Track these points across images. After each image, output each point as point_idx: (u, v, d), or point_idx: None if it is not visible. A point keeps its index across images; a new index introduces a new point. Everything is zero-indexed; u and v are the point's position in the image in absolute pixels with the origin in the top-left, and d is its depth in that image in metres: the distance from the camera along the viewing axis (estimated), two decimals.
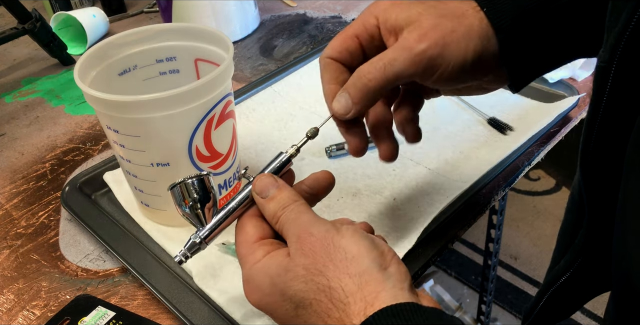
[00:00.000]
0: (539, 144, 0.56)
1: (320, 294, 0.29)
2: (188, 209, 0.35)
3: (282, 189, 0.34)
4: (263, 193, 0.34)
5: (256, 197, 0.34)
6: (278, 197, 0.34)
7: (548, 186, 1.64)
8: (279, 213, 0.33)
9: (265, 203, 0.34)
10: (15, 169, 0.61)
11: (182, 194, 0.35)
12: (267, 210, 0.34)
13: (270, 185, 0.34)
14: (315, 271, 0.29)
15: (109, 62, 0.46)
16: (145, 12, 0.93)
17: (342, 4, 0.89)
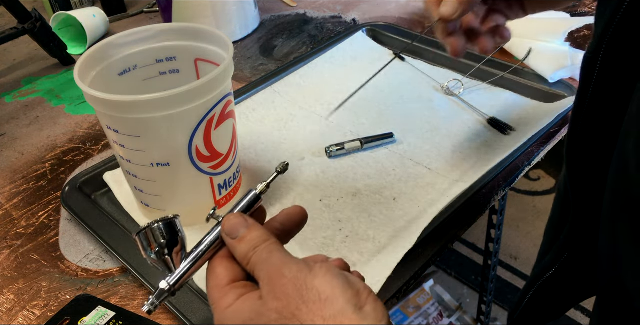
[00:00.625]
0: (539, 144, 0.56)
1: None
2: (154, 255, 0.33)
3: (252, 228, 0.33)
4: (233, 234, 0.33)
5: (226, 238, 0.33)
6: (248, 237, 0.32)
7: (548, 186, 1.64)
8: (249, 254, 0.32)
9: (236, 244, 0.33)
10: (15, 169, 0.61)
11: (148, 239, 0.34)
12: (238, 251, 0.32)
13: (239, 225, 0.33)
14: (288, 315, 0.28)
15: (109, 62, 0.46)
16: (145, 12, 0.93)
17: (342, 4, 0.89)
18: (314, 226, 0.49)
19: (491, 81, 0.65)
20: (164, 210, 0.48)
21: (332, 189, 0.53)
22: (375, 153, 0.57)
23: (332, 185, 0.53)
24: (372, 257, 0.45)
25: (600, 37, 0.32)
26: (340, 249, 0.46)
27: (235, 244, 0.33)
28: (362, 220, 0.49)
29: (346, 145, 0.57)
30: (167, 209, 0.48)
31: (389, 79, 0.67)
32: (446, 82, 0.65)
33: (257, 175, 0.55)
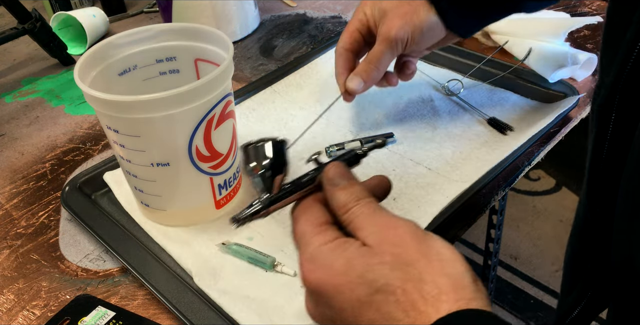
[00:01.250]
0: (539, 144, 0.56)
1: (408, 284, 0.27)
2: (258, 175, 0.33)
3: (354, 181, 0.33)
4: (334, 180, 0.33)
5: (326, 183, 0.33)
6: (351, 188, 0.32)
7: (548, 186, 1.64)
8: (350, 204, 0.31)
9: (337, 191, 0.32)
10: (15, 169, 0.61)
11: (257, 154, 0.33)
12: (337, 198, 0.32)
13: (343, 175, 0.33)
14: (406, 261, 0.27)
15: (109, 62, 0.46)
16: (145, 12, 0.93)
17: (342, 4, 0.89)
18: None
19: (491, 81, 0.65)
20: (164, 210, 0.48)
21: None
22: (375, 153, 0.57)
23: None
24: None
25: (614, 84, 0.33)
26: None
27: (336, 191, 0.32)
28: None
29: (346, 146, 0.57)
30: (167, 209, 0.48)
31: None
32: (446, 82, 0.65)
33: None
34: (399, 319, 0.26)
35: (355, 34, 0.53)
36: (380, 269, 0.27)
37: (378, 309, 0.27)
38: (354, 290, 0.28)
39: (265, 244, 0.47)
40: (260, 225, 0.49)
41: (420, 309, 0.26)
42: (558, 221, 1.52)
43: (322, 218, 0.32)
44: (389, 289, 0.27)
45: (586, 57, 0.64)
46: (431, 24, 0.49)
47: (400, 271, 0.27)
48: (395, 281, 0.27)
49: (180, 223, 0.49)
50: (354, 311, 0.28)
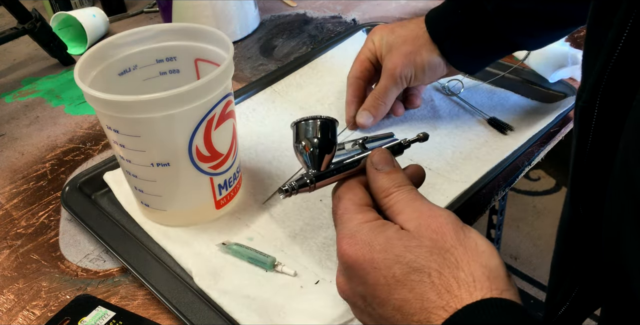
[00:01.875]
0: (539, 144, 0.56)
1: (445, 268, 0.27)
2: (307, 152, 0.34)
3: (398, 169, 0.34)
4: (379, 165, 0.34)
5: (370, 167, 0.34)
6: (394, 175, 0.33)
7: (548, 186, 1.64)
8: (392, 189, 0.32)
9: (380, 175, 0.33)
10: (15, 169, 0.61)
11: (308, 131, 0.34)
12: (380, 182, 0.33)
13: (388, 161, 0.34)
14: (443, 248, 0.28)
15: (109, 62, 0.46)
16: (145, 12, 0.93)
17: (342, 4, 0.89)
18: (314, 226, 0.49)
19: (491, 81, 0.65)
20: (164, 210, 0.48)
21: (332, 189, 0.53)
22: None
23: (332, 185, 0.53)
24: None
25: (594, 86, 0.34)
26: None
27: (379, 175, 0.34)
28: None
29: (346, 146, 0.57)
30: (167, 209, 0.48)
31: None
32: (446, 82, 0.65)
33: (257, 175, 0.55)
34: (431, 300, 0.27)
35: (366, 63, 0.56)
36: (419, 251, 0.28)
37: (412, 289, 0.27)
38: (390, 268, 0.28)
39: (266, 244, 0.47)
40: (261, 226, 0.49)
41: (454, 293, 0.26)
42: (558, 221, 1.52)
43: (365, 199, 0.33)
44: (425, 271, 0.27)
45: None
46: (433, 63, 0.52)
47: (438, 256, 0.28)
48: (432, 264, 0.27)
49: (180, 223, 0.49)
50: (388, 288, 0.28)
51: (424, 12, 0.55)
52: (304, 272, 0.45)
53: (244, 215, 0.51)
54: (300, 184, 0.35)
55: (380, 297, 0.28)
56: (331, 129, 0.35)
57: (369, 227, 0.31)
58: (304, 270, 0.45)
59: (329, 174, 0.35)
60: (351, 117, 0.59)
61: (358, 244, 0.30)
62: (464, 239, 0.29)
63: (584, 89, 0.35)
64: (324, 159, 0.35)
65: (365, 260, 0.29)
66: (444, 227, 0.29)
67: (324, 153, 0.34)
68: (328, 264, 0.45)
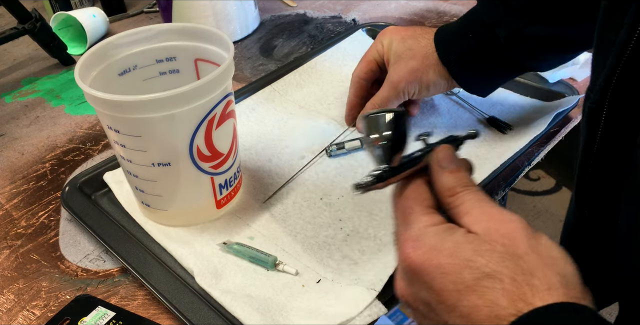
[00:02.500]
0: (539, 144, 0.56)
1: (518, 275, 0.26)
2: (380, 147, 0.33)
3: (463, 167, 0.33)
4: (443, 163, 0.32)
5: (434, 164, 0.33)
6: (459, 173, 0.32)
7: (548, 186, 1.64)
8: (458, 188, 0.31)
9: (445, 174, 0.32)
10: (15, 169, 0.60)
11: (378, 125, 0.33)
12: (445, 181, 0.32)
13: (452, 159, 0.33)
14: (516, 254, 0.27)
15: (109, 62, 0.46)
16: (145, 12, 0.93)
17: (342, 4, 0.89)
18: (315, 224, 0.49)
19: None
20: (165, 210, 0.48)
21: (332, 188, 0.53)
22: None
23: (332, 184, 0.53)
24: (373, 256, 0.45)
25: (603, 88, 0.33)
26: (342, 248, 0.46)
27: (444, 174, 0.32)
28: (363, 219, 0.49)
29: (346, 145, 0.57)
30: (168, 208, 0.48)
31: None
32: None
33: (258, 174, 0.55)
34: (503, 306, 0.25)
35: (372, 64, 0.56)
36: (491, 255, 0.27)
37: (483, 295, 0.26)
38: (460, 273, 0.27)
39: (267, 244, 0.47)
40: (261, 225, 0.49)
41: (528, 300, 0.25)
42: (558, 221, 1.52)
43: (430, 200, 0.32)
44: (497, 276, 0.26)
45: (586, 57, 0.64)
46: (439, 84, 0.53)
47: (511, 262, 0.26)
48: (505, 270, 0.26)
49: (181, 223, 0.49)
50: (457, 294, 0.27)
51: (424, 12, 0.55)
52: (306, 271, 0.45)
53: (245, 215, 0.51)
54: (377, 178, 0.33)
55: (447, 303, 0.27)
56: (404, 122, 0.33)
57: (435, 230, 0.29)
58: (306, 269, 0.45)
59: (401, 169, 0.33)
60: (351, 116, 0.59)
61: (423, 247, 0.29)
62: (537, 245, 0.27)
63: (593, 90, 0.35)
64: (396, 154, 0.33)
65: (431, 265, 0.28)
66: (515, 232, 0.28)
67: (397, 147, 0.33)
68: (329, 262, 0.45)
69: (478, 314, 0.26)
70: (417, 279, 0.29)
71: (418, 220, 0.30)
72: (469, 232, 0.29)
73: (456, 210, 0.31)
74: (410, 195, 0.33)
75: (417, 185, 0.33)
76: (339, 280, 0.44)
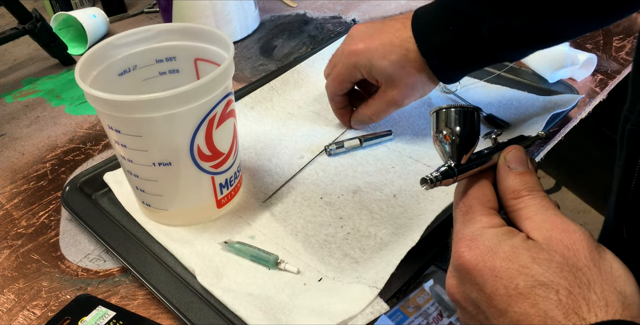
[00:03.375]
0: (538, 144, 0.56)
1: (575, 288, 0.25)
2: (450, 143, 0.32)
3: (532, 171, 0.32)
4: (512, 163, 0.32)
5: (503, 164, 0.32)
6: (527, 176, 0.31)
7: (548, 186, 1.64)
8: (523, 192, 0.30)
9: (512, 175, 0.31)
10: (15, 169, 0.61)
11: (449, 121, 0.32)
12: (511, 182, 0.31)
13: (522, 161, 0.32)
14: (575, 266, 0.26)
15: (109, 62, 0.46)
16: (146, 12, 0.93)
17: (342, 4, 0.89)
18: (315, 223, 0.49)
19: (490, 81, 0.65)
20: (165, 209, 0.48)
21: (332, 187, 0.53)
22: (374, 151, 0.57)
23: (332, 183, 0.53)
24: (374, 254, 0.45)
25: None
26: (342, 246, 0.47)
27: (511, 174, 0.31)
28: (363, 217, 0.49)
29: (345, 144, 0.57)
30: (169, 208, 0.48)
31: None
32: None
33: (258, 174, 0.55)
34: (556, 319, 0.25)
35: (346, 83, 0.56)
36: (548, 264, 0.26)
37: (535, 304, 0.25)
38: (514, 278, 0.26)
39: (268, 242, 0.47)
40: (262, 224, 0.49)
41: (583, 315, 0.24)
42: None
43: (493, 202, 0.31)
44: (552, 287, 0.25)
45: (586, 57, 0.64)
46: (430, 88, 0.53)
47: (569, 273, 0.26)
48: (562, 281, 0.25)
49: (181, 222, 0.49)
50: (508, 299, 0.26)
51: None
52: (307, 269, 0.45)
53: (245, 214, 0.51)
54: (445, 174, 0.32)
55: (498, 307, 0.27)
56: (475, 118, 0.33)
57: (493, 232, 0.29)
58: (307, 267, 0.45)
59: (470, 167, 0.33)
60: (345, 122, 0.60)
61: (479, 248, 0.28)
62: (599, 260, 0.26)
63: (634, 111, 0.34)
64: (468, 151, 0.33)
65: (485, 267, 0.27)
66: (577, 243, 0.27)
67: (467, 144, 0.32)
68: (330, 261, 0.45)
69: (528, 322, 0.25)
70: (469, 280, 0.28)
71: (477, 220, 0.30)
72: (529, 239, 0.28)
73: (518, 214, 0.30)
74: (473, 194, 0.32)
75: (482, 185, 0.32)
76: (340, 278, 0.44)
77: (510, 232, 0.29)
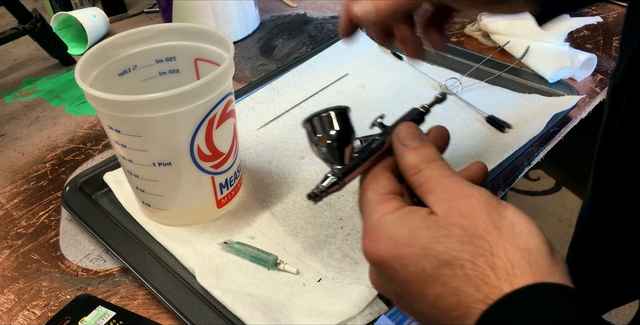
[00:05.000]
0: (538, 144, 0.56)
1: (479, 258, 0.25)
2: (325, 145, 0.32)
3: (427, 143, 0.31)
4: (406, 140, 0.31)
5: (397, 143, 0.31)
6: (422, 150, 0.30)
7: (548, 186, 1.64)
8: (421, 165, 0.29)
9: (408, 151, 0.30)
10: (15, 169, 0.61)
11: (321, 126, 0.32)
12: (408, 159, 0.30)
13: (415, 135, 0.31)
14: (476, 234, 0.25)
15: (109, 62, 0.46)
16: (145, 12, 0.93)
17: (342, 4, 0.89)
18: (315, 224, 0.49)
19: (490, 81, 0.65)
20: (165, 210, 0.48)
21: None
22: None
23: None
24: None
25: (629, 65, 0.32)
26: (342, 247, 0.47)
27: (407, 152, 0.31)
28: None
29: None
30: (169, 208, 0.48)
31: (386, 78, 0.67)
32: (444, 81, 0.65)
33: (258, 174, 0.55)
34: (469, 293, 0.24)
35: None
36: (448, 241, 0.25)
37: (445, 283, 0.25)
38: (419, 263, 0.26)
39: (267, 243, 0.47)
40: (262, 224, 0.49)
41: (493, 283, 0.24)
42: (558, 221, 1.52)
43: (389, 187, 0.30)
44: (457, 263, 0.25)
45: (586, 57, 0.64)
46: None
47: (470, 244, 0.25)
48: (464, 254, 0.25)
49: (181, 223, 0.49)
50: (419, 285, 0.26)
51: None
52: (306, 270, 0.45)
53: (245, 214, 0.51)
54: (329, 184, 0.32)
55: (413, 294, 0.27)
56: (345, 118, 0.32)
57: (391, 219, 0.28)
58: (306, 268, 0.45)
59: (355, 165, 0.32)
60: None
61: (381, 239, 0.27)
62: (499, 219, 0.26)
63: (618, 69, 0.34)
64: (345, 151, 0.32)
65: (391, 257, 0.27)
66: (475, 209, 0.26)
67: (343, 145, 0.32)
68: (330, 261, 0.45)
69: (445, 302, 0.25)
70: (382, 272, 0.28)
71: (374, 210, 0.29)
72: (430, 214, 0.27)
73: (421, 189, 0.29)
74: (365, 185, 0.31)
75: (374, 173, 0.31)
76: (339, 279, 0.44)
77: (409, 212, 0.28)
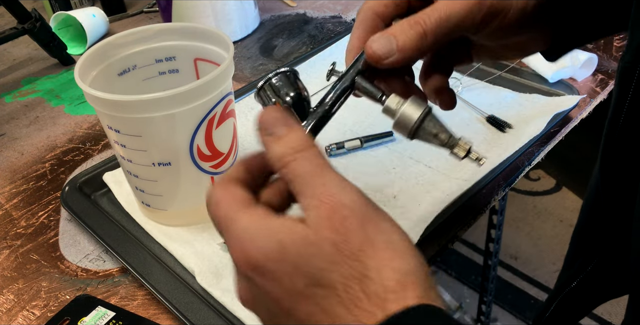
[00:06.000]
0: (539, 144, 0.56)
1: (352, 281, 0.23)
2: None
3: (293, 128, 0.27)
4: (269, 129, 0.27)
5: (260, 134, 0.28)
6: (287, 138, 0.27)
7: (548, 186, 1.64)
8: (287, 158, 0.26)
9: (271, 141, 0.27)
10: (15, 169, 0.60)
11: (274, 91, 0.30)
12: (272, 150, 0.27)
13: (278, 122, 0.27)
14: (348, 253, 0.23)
15: (109, 62, 0.46)
16: (145, 12, 0.93)
17: (342, 4, 0.89)
18: None
19: (491, 81, 0.65)
20: (165, 210, 0.48)
21: None
22: (375, 151, 0.57)
23: None
24: None
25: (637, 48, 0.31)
26: None
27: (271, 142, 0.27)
28: None
29: (346, 144, 0.57)
30: (168, 208, 0.48)
31: None
32: None
33: None
34: (340, 316, 0.23)
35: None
36: (319, 262, 0.23)
37: (317, 303, 0.24)
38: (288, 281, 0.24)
39: None
40: None
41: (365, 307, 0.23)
42: (558, 221, 1.52)
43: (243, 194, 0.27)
44: (328, 284, 0.23)
45: (586, 57, 0.64)
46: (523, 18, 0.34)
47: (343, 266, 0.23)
48: (336, 276, 0.23)
49: (181, 223, 0.49)
50: (290, 302, 0.24)
51: None
52: None
53: None
54: None
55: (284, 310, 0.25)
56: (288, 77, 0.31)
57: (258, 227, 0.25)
58: None
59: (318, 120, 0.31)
60: None
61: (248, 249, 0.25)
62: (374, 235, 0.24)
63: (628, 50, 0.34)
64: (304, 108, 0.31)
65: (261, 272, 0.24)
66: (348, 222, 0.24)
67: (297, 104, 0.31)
68: None
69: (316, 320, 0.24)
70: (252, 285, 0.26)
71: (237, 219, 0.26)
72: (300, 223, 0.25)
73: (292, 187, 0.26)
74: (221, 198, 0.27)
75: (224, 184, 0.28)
76: None
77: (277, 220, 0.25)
